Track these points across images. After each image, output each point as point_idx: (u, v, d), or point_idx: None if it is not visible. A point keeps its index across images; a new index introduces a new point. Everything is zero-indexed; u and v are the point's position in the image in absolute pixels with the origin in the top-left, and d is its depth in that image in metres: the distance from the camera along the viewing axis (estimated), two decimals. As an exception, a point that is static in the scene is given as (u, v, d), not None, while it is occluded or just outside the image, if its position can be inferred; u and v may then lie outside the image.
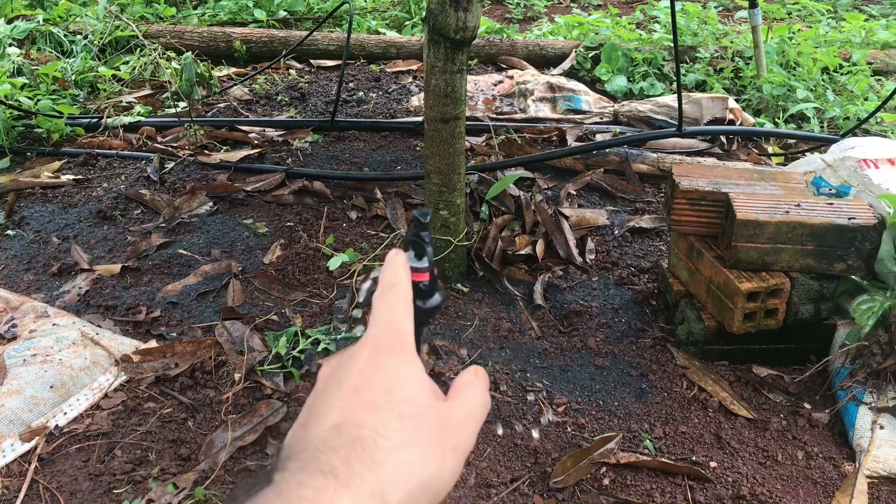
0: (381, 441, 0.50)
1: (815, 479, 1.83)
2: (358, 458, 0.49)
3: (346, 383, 0.54)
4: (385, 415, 0.52)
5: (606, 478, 1.81)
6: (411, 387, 0.55)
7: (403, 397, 0.54)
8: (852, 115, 4.02)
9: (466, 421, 0.58)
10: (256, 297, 2.49)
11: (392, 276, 0.64)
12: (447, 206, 2.43)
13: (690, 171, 2.31)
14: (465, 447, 0.56)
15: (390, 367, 0.55)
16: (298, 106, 4.23)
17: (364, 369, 0.55)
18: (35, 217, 2.98)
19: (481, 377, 0.63)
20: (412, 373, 0.56)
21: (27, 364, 2.03)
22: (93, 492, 1.74)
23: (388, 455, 0.50)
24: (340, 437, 0.50)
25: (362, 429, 0.51)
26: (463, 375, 0.63)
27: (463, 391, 0.60)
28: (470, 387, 0.61)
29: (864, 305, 1.98)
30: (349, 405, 0.52)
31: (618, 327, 2.39)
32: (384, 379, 0.54)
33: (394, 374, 0.55)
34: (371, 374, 0.55)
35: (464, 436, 0.57)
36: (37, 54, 4.58)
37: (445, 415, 0.56)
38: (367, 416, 0.52)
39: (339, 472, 0.48)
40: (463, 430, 0.57)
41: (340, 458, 0.49)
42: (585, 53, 4.88)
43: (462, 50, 2.19)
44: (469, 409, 0.59)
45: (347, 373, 0.55)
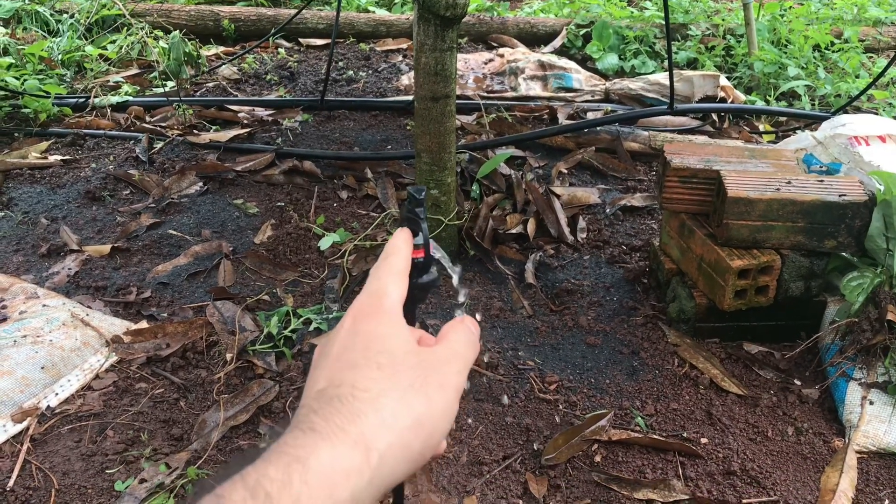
0: (360, 393, 0.51)
1: (804, 455, 1.84)
2: (337, 412, 0.50)
3: (331, 352, 0.56)
4: (363, 370, 0.53)
5: (598, 455, 1.82)
6: (390, 340, 0.56)
7: (380, 349, 0.55)
8: (843, 92, 4.02)
9: (451, 360, 0.58)
10: (247, 277, 2.48)
11: (390, 247, 0.65)
12: (438, 185, 2.42)
13: (682, 148, 2.30)
14: (453, 385, 0.56)
15: (368, 329, 0.57)
16: (288, 85, 4.19)
17: (344, 336, 0.57)
18: (23, 198, 2.95)
19: (468, 321, 0.64)
20: (391, 330, 0.57)
21: (17, 345, 2.02)
22: (85, 472, 1.74)
23: (367, 405, 0.50)
24: (321, 399, 0.51)
25: (341, 387, 0.52)
26: (450, 322, 0.64)
27: (448, 334, 0.62)
28: (455, 330, 0.62)
29: (855, 282, 1.99)
30: (331, 370, 0.54)
31: (609, 305, 2.40)
32: (362, 340, 0.56)
33: (371, 332, 0.56)
34: (350, 338, 0.56)
35: (449, 373, 0.57)
36: (22, 34, 4.53)
37: (427, 357, 0.57)
38: (345, 374, 0.53)
39: (317, 426, 0.49)
40: (447, 368, 0.57)
41: (320, 416, 0.50)
42: (576, 31, 4.86)
43: (452, 27, 2.17)
44: (453, 349, 0.60)
45: (332, 343, 0.57)
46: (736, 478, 1.76)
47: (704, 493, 1.71)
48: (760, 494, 1.72)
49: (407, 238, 0.66)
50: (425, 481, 1.71)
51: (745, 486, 1.74)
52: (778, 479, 1.76)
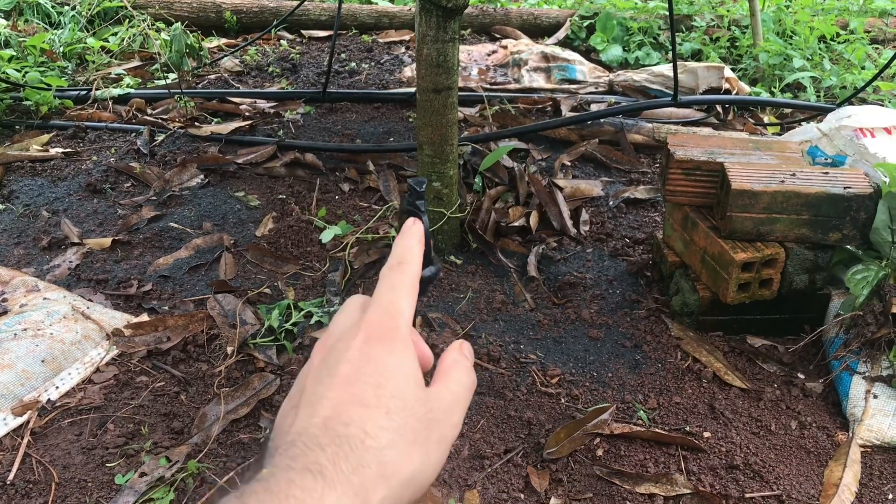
0: (369, 441, 0.51)
1: (808, 449, 1.83)
2: (345, 457, 0.49)
3: (338, 372, 0.54)
4: (373, 412, 0.52)
5: (600, 449, 1.81)
6: (401, 379, 0.55)
7: (392, 392, 0.54)
8: (849, 83, 3.99)
9: (453, 408, 0.58)
10: (249, 270, 2.47)
11: (403, 252, 0.63)
12: (440, 177, 2.41)
13: (685, 140, 2.28)
14: (450, 437, 0.57)
15: (381, 358, 0.55)
16: (290, 77, 4.18)
17: (356, 358, 0.55)
18: (24, 191, 2.95)
19: (467, 354, 0.63)
20: (403, 364, 0.56)
21: (18, 338, 2.02)
22: (85, 465, 1.73)
23: (373, 456, 0.50)
24: (328, 433, 0.50)
25: (350, 426, 0.51)
26: (449, 353, 0.62)
27: (449, 373, 0.60)
28: (456, 367, 0.61)
29: (859, 275, 1.98)
30: (339, 399, 0.53)
31: (612, 299, 2.39)
32: (374, 371, 0.54)
33: (384, 366, 0.55)
34: (362, 364, 0.54)
35: (450, 425, 0.57)
36: (24, 26, 4.52)
37: (432, 405, 0.56)
38: (355, 412, 0.52)
39: (326, 472, 0.48)
40: (449, 419, 0.57)
41: (328, 456, 0.49)
42: (580, 23, 4.83)
43: (454, 18, 2.16)
44: (455, 393, 0.59)
45: (339, 360, 0.55)
46: (739, 472, 1.75)
47: (707, 488, 1.70)
48: (763, 489, 1.71)
49: (420, 237, 0.64)
50: (426, 475, 1.70)
51: (747, 481, 1.73)
52: (781, 473, 1.75)
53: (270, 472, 0.48)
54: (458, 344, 0.63)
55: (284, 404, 0.56)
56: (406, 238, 0.64)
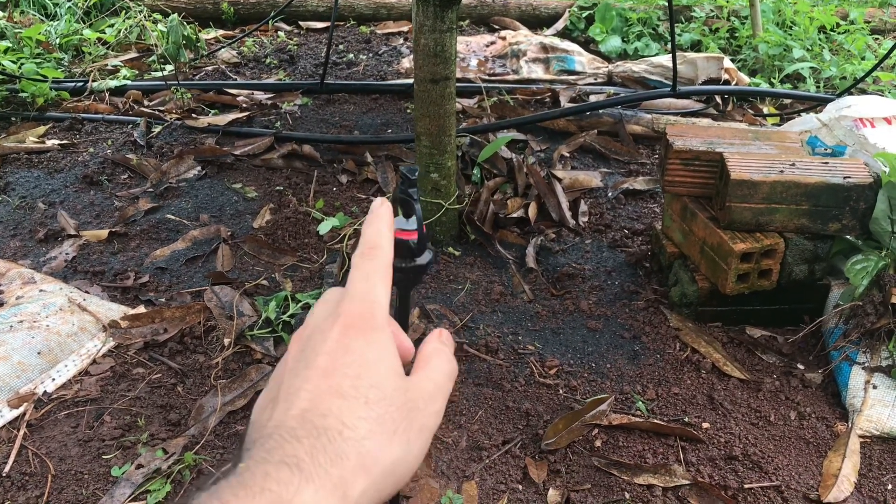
0: (347, 432, 0.49)
1: (807, 439, 1.83)
2: (323, 449, 0.48)
3: (315, 364, 0.53)
4: (351, 402, 0.51)
5: (598, 439, 1.80)
6: (380, 369, 0.54)
7: (371, 382, 0.52)
8: (849, 74, 3.97)
9: (434, 397, 0.57)
10: (246, 261, 2.46)
11: (373, 236, 0.61)
12: (438, 168, 2.40)
13: (684, 131, 2.27)
14: (431, 426, 0.56)
15: (360, 349, 0.54)
16: (287, 68, 4.16)
17: (333, 349, 0.53)
18: (20, 183, 2.93)
19: (447, 342, 0.62)
20: (381, 354, 0.55)
21: (14, 330, 2.01)
22: (82, 457, 1.73)
23: (352, 447, 0.49)
24: (305, 425, 0.49)
25: (328, 417, 0.50)
26: (428, 342, 0.61)
27: (430, 361, 0.59)
28: (436, 355, 0.60)
29: (859, 265, 1.97)
30: (316, 390, 0.51)
31: (611, 290, 2.38)
32: (352, 362, 0.53)
33: (363, 356, 0.54)
34: (340, 355, 0.53)
35: (431, 414, 0.56)
36: (20, 17, 4.49)
37: (413, 395, 0.55)
38: (333, 403, 0.51)
39: (303, 464, 0.47)
40: (430, 408, 0.56)
41: (305, 448, 0.48)
42: (579, 13, 4.81)
43: (451, 8, 2.14)
44: (436, 381, 0.58)
45: (316, 351, 0.54)
46: (738, 462, 1.74)
47: (706, 478, 1.70)
48: (762, 479, 1.70)
49: (389, 220, 0.63)
50: (424, 466, 1.70)
51: (746, 471, 1.72)
52: (780, 463, 1.75)
53: (246, 465, 0.47)
54: (438, 332, 0.62)
55: (261, 397, 0.55)
56: (374, 221, 0.62)
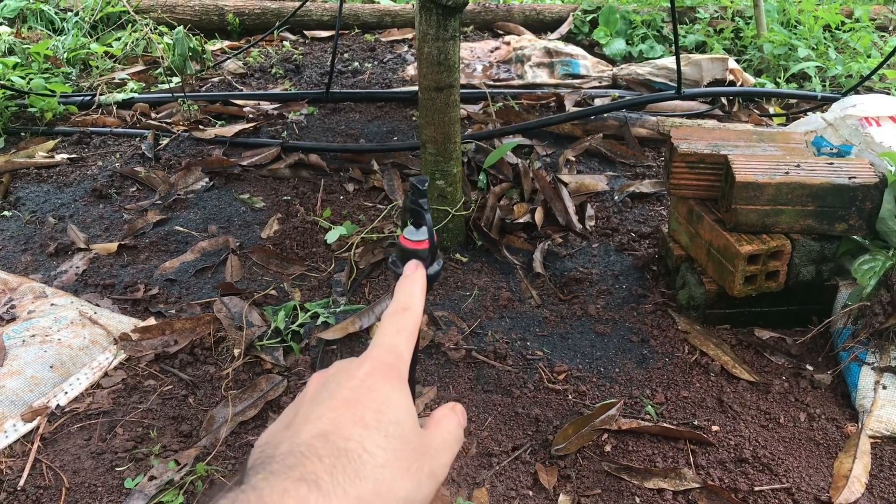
0: (367, 456, 0.51)
1: (817, 441, 1.82)
2: (342, 469, 0.49)
3: (338, 395, 0.55)
4: (373, 433, 0.52)
5: (608, 444, 1.81)
6: (400, 410, 0.56)
7: (392, 419, 0.54)
8: (855, 72, 3.96)
9: (443, 450, 0.59)
10: (254, 272, 2.47)
11: (407, 298, 0.65)
12: (444, 175, 2.41)
13: (689, 133, 2.27)
14: (440, 475, 0.57)
15: (384, 391, 0.56)
16: (293, 78, 4.18)
17: (357, 386, 0.56)
18: (31, 197, 2.96)
19: (458, 412, 0.65)
20: (403, 400, 0.57)
21: (26, 345, 2.03)
22: (95, 470, 1.74)
23: (370, 471, 0.50)
24: (327, 445, 0.50)
25: (349, 441, 0.51)
26: (440, 409, 0.64)
27: (441, 422, 0.62)
28: (447, 419, 0.63)
29: (866, 265, 1.96)
30: (339, 417, 0.53)
31: (618, 294, 2.38)
32: (375, 399, 0.55)
33: (386, 396, 0.56)
34: (364, 392, 0.55)
35: (440, 464, 0.58)
36: (28, 33, 4.54)
37: (426, 441, 0.57)
38: (355, 430, 0.52)
39: (322, 482, 0.48)
40: (439, 458, 0.58)
41: (325, 466, 0.49)
42: (583, 17, 4.82)
43: (454, 16, 2.15)
44: (445, 438, 0.60)
45: (340, 386, 0.56)
46: (748, 465, 1.74)
47: (716, 481, 1.70)
48: (773, 481, 1.70)
49: (423, 282, 0.66)
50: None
51: (757, 474, 1.72)
52: (790, 465, 1.74)
53: (265, 477, 0.48)
54: (451, 404, 0.65)
55: (271, 428, 0.56)
56: (409, 283, 0.66)
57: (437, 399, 1.94)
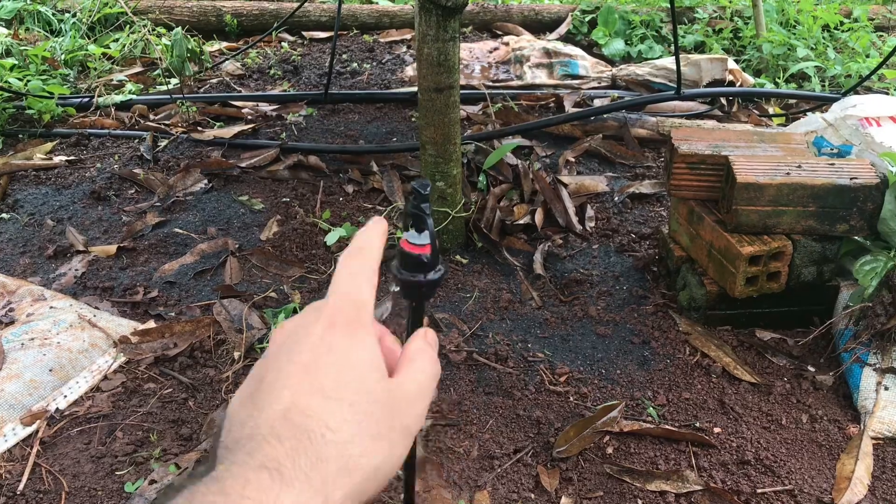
0: (329, 434, 0.49)
1: (819, 442, 1.82)
2: (304, 452, 0.47)
3: (297, 360, 0.52)
4: (333, 404, 0.50)
5: (610, 446, 1.80)
6: (363, 369, 0.53)
7: (354, 382, 0.52)
8: (854, 72, 3.96)
9: (417, 398, 0.56)
10: (254, 274, 2.47)
11: (363, 240, 0.61)
12: (443, 176, 2.40)
13: (689, 134, 2.27)
14: (414, 427, 0.55)
15: (343, 348, 0.53)
16: (291, 79, 4.18)
17: (316, 346, 0.53)
18: (29, 199, 2.95)
19: (431, 342, 0.61)
20: (364, 353, 0.54)
21: (25, 348, 2.02)
22: (95, 474, 1.73)
23: (334, 450, 0.49)
24: (286, 425, 0.48)
25: (311, 418, 0.49)
26: (413, 341, 0.61)
27: (413, 362, 0.59)
28: (420, 355, 0.59)
29: (868, 266, 1.96)
30: (298, 388, 0.50)
31: (619, 295, 2.38)
32: (335, 361, 0.52)
33: (345, 355, 0.53)
34: (323, 353, 0.53)
35: (413, 415, 0.55)
36: (25, 34, 4.52)
37: (396, 396, 0.54)
38: (314, 401, 0.50)
39: (284, 469, 0.46)
40: (413, 409, 0.55)
41: (286, 451, 0.47)
42: (582, 17, 4.81)
43: (454, 17, 2.15)
44: (419, 383, 0.57)
45: (299, 347, 0.53)
46: (750, 467, 1.74)
47: (718, 484, 1.69)
48: (775, 483, 1.70)
49: (382, 231, 0.63)
50: (436, 476, 1.70)
51: (759, 476, 1.72)
52: (793, 467, 1.74)
53: (227, 468, 0.46)
54: (423, 332, 0.62)
55: (239, 391, 0.53)
56: (367, 229, 0.63)
57: (438, 401, 1.93)
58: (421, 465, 1.73)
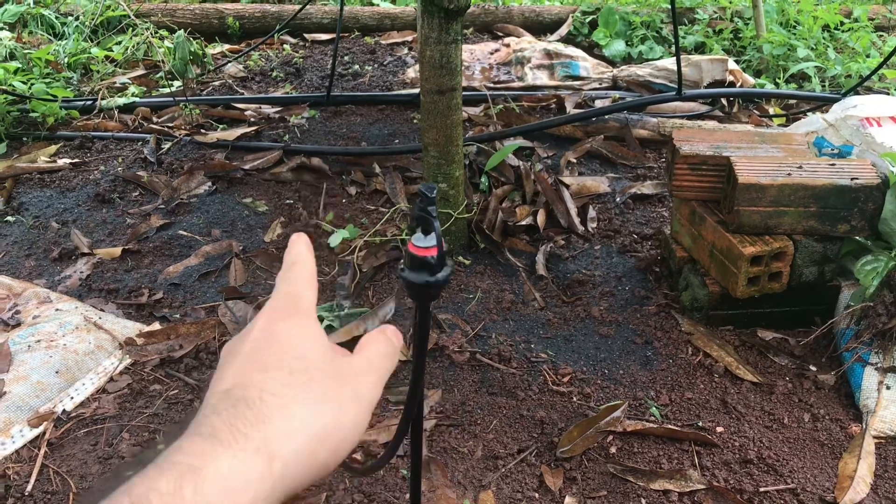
0: (269, 398, 0.49)
1: (821, 441, 1.83)
2: (241, 416, 0.47)
3: (240, 350, 0.53)
4: (274, 373, 0.51)
5: (613, 446, 1.81)
6: (305, 344, 0.54)
7: (295, 354, 0.53)
8: (854, 72, 3.97)
9: (367, 371, 0.57)
10: (258, 275, 2.48)
11: (293, 256, 0.63)
12: (446, 178, 2.42)
13: (691, 135, 2.28)
14: (367, 397, 0.55)
15: (283, 331, 0.54)
16: (294, 81, 4.19)
17: (257, 337, 0.54)
18: (34, 202, 2.96)
19: (389, 333, 0.62)
20: (307, 332, 0.55)
21: (32, 350, 2.03)
22: (102, 475, 1.75)
23: (276, 411, 0.48)
24: (225, 400, 0.48)
25: (248, 388, 0.49)
26: (369, 333, 0.62)
27: (366, 346, 0.60)
28: (374, 341, 0.61)
29: (869, 266, 1.97)
30: (240, 369, 0.51)
31: (621, 295, 2.39)
32: (276, 341, 0.53)
33: (286, 335, 0.54)
34: (264, 340, 0.54)
35: (364, 385, 0.55)
36: (28, 38, 4.54)
37: (343, 366, 0.55)
38: (254, 376, 0.50)
39: (219, 433, 0.46)
40: (363, 379, 0.56)
41: (223, 420, 0.47)
42: (582, 18, 4.82)
43: (456, 19, 2.16)
44: (370, 359, 0.58)
45: (242, 342, 0.54)
46: (753, 466, 1.75)
47: (721, 483, 1.70)
48: (777, 482, 1.71)
49: (307, 243, 0.64)
50: (440, 476, 1.71)
51: (761, 475, 1.73)
52: (795, 466, 1.75)
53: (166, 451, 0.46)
54: (382, 327, 0.63)
55: None
56: (294, 246, 0.64)
57: (442, 402, 1.94)
58: (426, 466, 1.74)
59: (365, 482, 1.71)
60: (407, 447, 1.75)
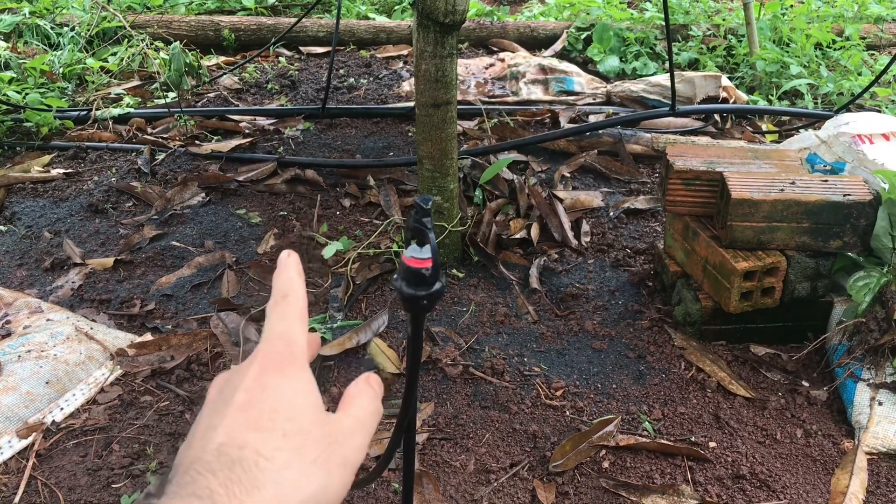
0: (263, 462, 0.49)
1: (814, 457, 1.83)
2: (238, 480, 0.48)
3: (233, 400, 0.53)
4: (268, 434, 0.51)
5: (606, 461, 1.81)
6: (298, 403, 0.54)
7: (288, 415, 0.53)
8: (846, 90, 4.00)
9: (355, 432, 0.57)
10: (251, 287, 2.47)
11: (285, 284, 0.62)
12: (440, 191, 2.42)
13: (684, 150, 2.29)
14: (354, 460, 0.56)
15: (276, 385, 0.54)
16: (289, 94, 4.20)
17: (250, 387, 0.54)
18: (26, 212, 2.95)
19: (374, 384, 0.62)
20: (299, 388, 0.55)
21: (22, 360, 2.02)
22: (91, 486, 1.73)
23: (268, 477, 0.49)
24: (221, 458, 0.49)
25: (244, 449, 0.49)
26: (355, 383, 0.62)
27: (353, 400, 0.60)
28: (361, 395, 0.60)
29: (861, 282, 1.98)
30: (233, 425, 0.51)
31: (614, 309, 2.39)
32: (269, 397, 0.53)
33: (279, 391, 0.54)
34: (257, 392, 0.53)
35: (352, 448, 0.56)
36: (23, 48, 4.54)
37: (333, 429, 0.55)
38: (249, 435, 0.50)
39: (217, 496, 0.46)
40: (351, 442, 0.56)
41: (219, 481, 0.47)
42: (577, 34, 4.85)
43: (451, 34, 2.17)
44: (358, 418, 0.58)
45: (234, 389, 0.54)
46: (745, 481, 1.75)
47: (714, 498, 1.70)
48: (770, 498, 1.71)
49: (298, 266, 0.63)
50: (433, 490, 1.70)
51: (754, 490, 1.72)
52: (787, 482, 1.75)
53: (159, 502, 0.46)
54: (365, 376, 0.63)
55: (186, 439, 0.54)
56: (284, 270, 0.63)
57: (435, 415, 1.94)
58: (418, 480, 1.74)
59: (356, 496, 1.70)
60: (399, 460, 1.74)
